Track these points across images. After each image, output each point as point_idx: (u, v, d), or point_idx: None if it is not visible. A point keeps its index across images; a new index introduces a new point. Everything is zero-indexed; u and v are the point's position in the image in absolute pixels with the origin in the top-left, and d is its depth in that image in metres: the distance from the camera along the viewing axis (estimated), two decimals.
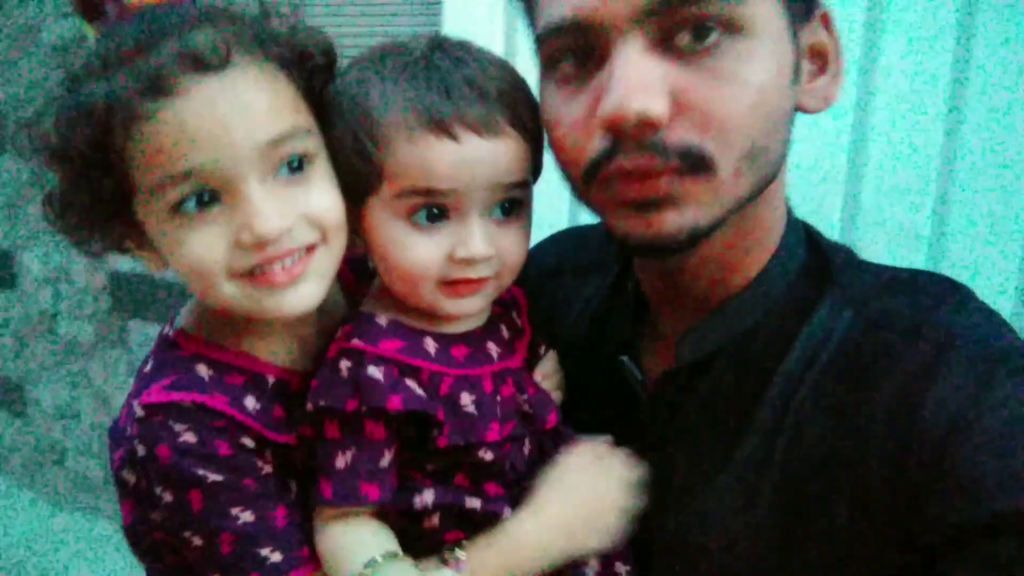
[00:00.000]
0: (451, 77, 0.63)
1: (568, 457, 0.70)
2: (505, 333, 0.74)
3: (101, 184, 0.61)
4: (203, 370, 0.66)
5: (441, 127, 0.62)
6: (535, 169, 0.69)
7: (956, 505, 0.55)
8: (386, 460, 0.65)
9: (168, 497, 0.64)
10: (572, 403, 0.77)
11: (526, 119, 0.66)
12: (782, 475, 0.64)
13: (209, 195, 0.61)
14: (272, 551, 0.65)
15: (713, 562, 0.67)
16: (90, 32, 0.63)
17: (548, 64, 0.65)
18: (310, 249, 0.64)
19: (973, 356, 0.59)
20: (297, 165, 0.63)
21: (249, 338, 0.68)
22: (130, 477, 0.66)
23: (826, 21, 0.67)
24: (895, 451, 0.59)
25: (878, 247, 1.39)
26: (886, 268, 0.71)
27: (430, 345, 0.68)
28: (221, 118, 0.59)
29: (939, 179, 1.40)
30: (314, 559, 0.66)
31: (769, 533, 0.64)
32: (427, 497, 0.66)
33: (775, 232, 0.71)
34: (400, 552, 0.65)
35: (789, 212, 0.73)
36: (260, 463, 0.65)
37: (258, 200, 0.61)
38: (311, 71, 0.66)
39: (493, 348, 0.71)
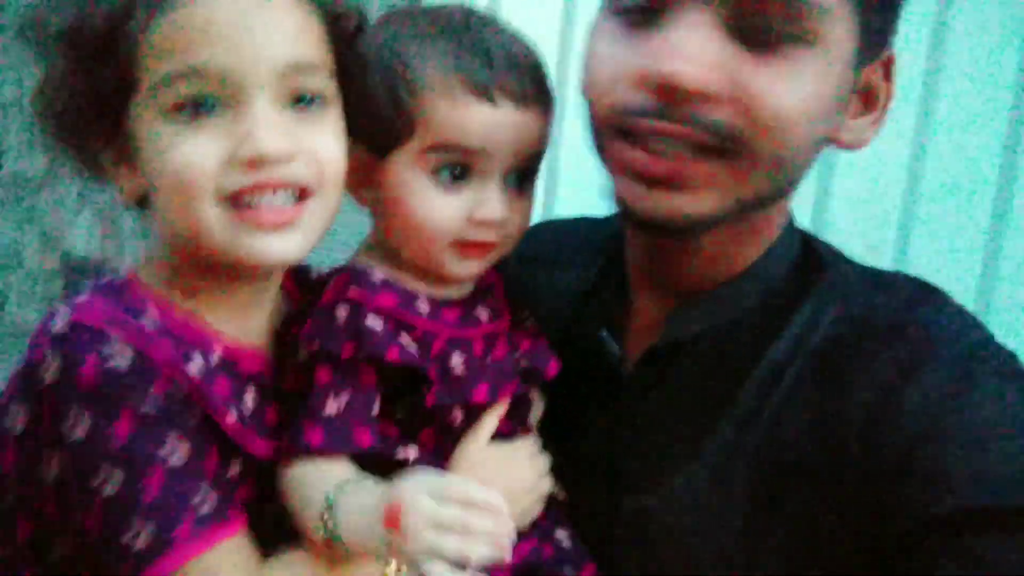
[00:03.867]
0: (491, 44, 0.67)
1: (473, 447, 0.70)
2: (491, 304, 0.75)
3: (103, 73, 0.58)
4: (152, 317, 0.61)
5: (481, 90, 0.65)
6: (547, 144, 0.73)
7: (929, 498, 0.56)
8: (376, 408, 0.65)
9: (81, 429, 0.56)
10: (552, 382, 0.77)
11: (548, 93, 0.70)
12: (756, 463, 0.65)
13: (212, 102, 0.58)
14: (204, 497, 0.58)
15: (679, 543, 0.68)
16: None
17: (610, 2, 0.65)
18: (303, 195, 0.62)
19: (953, 355, 0.61)
20: (310, 103, 0.62)
21: (203, 301, 0.64)
22: (21, 418, 0.58)
23: (887, 66, 0.67)
24: (871, 443, 0.60)
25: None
26: (868, 268, 0.73)
27: (423, 305, 0.69)
28: (248, 22, 0.58)
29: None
30: (241, 516, 0.61)
31: (738, 519, 0.65)
32: (411, 452, 0.66)
33: (774, 232, 0.72)
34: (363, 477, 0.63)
35: (789, 214, 0.74)
36: (194, 412, 0.59)
37: (264, 116, 0.59)
38: (342, 32, 0.66)
39: (483, 312, 0.74)
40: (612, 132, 0.66)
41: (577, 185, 0.72)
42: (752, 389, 0.68)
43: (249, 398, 0.65)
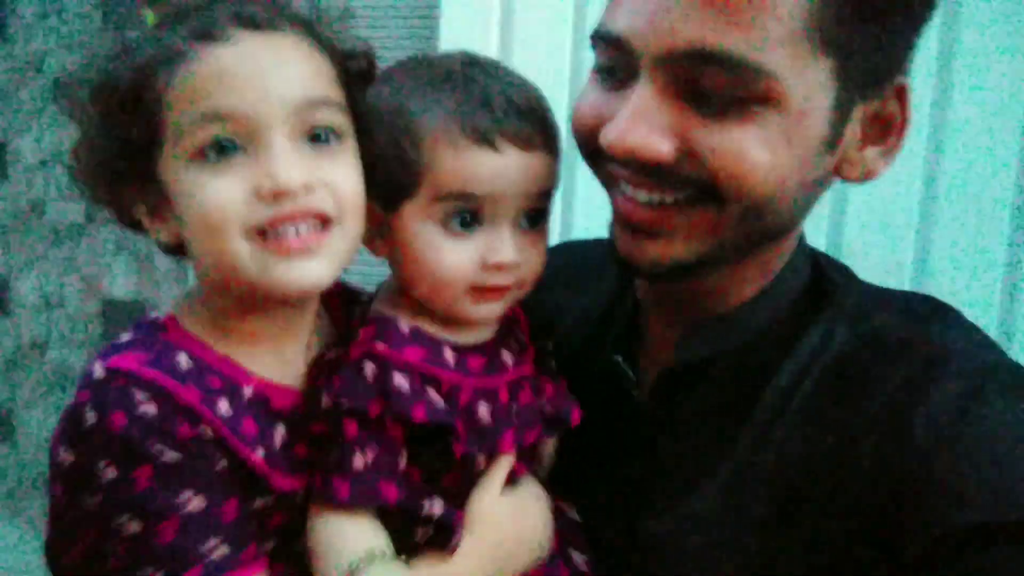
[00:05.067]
0: (490, 91, 0.67)
1: (487, 498, 0.71)
2: (514, 345, 0.75)
3: (133, 128, 0.62)
4: (184, 360, 0.64)
5: (483, 138, 0.66)
6: (556, 183, 0.73)
7: (940, 515, 0.56)
8: (403, 462, 0.66)
9: (111, 473, 0.59)
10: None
11: (552, 135, 0.71)
12: (770, 483, 0.66)
13: (233, 145, 0.62)
14: (218, 545, 0.61)
15: (694, 567, 0.68)
16: (151, 18, 0.66)
17: (596, 61, 0.68)
18: (326, 224, 0.64)
19: (962, 371, 0.61)
20: (326, 138, 0.65)
21: (235, 342, 0.67)
22: (67, 456, 0.61)
23: (902, 94, 0.65)
24: (883, 462, 0.60)
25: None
26: (879, 288, 0.74)
27: (449, 355, 0.70)
28: (262, 68, 0.62)
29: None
30: (259, 560, 0.64)
31: (753, 541, 0.65)
32: (436, 508, 0.67)
33: (784, 257, 0.73)
34: (391, 553, 0.65)
35: (801, 238, 0.74)
36: (218, 455, 0.62)
37: (282, 152, 0.62)
38: (350, 72, 0.69)
39: (508, 357, 0.74)
40: (600, 177, 0.69)
41: (593, 209, 0.72)
42: (764, 411, 0.68)
43: (278, 435, 0.67)
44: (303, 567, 0.66)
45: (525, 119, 0.68)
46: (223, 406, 0.64)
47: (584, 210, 1.57)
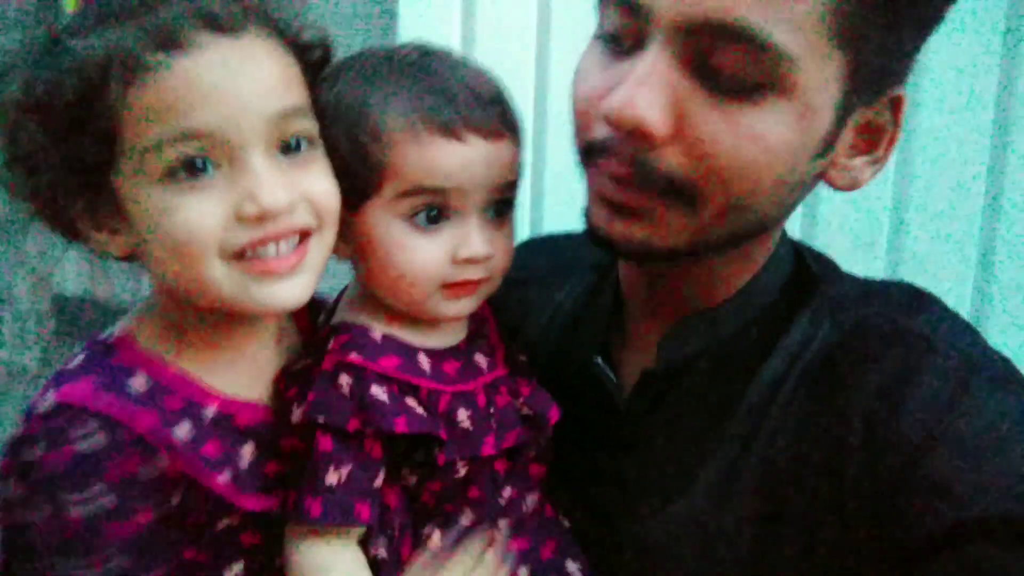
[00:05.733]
0: (451, 82, 0.66)
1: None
2: (486, 347, 0.74)
3: (81, 143, 0.57)
4: (137, 383, 0.61)
5: (448, 129, 0.64)
6: (520, 172, 0.72)
7: (930, 510, 0.55)
8: (379, 480, 0.64)
9: (45, 511, 0.57)
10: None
11: (516, 123, 0.70)
12: (756, 482, 0.64)
13: (206, 162, 0.58)
14: None
15: (682, 569, 0.67)
16: (70, 3, 0.61)
17: (599, 27, 0.64)
18: (304, 237, 0.62)
19: (949, 364, 0.60)
20: (299, 146, 0.62)
21: (196, 357, 0.64)
22: (7, 488, 0.59)
23: (896, 105, 0.64)
24: (871, 456, 0.59)
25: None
26: (862, 279, 0.72)
27: (424, 362, 0.68)
28: (235, 79, 0.57)
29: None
30: None
31: (743, 539, 0.64)
32: (380, 550, 0.65)
33: (767, 251, 0.71)
34: None
35: (783, 232, 0.73)
36: (171, 487, 0.59)
37: (263, 171, 0.58)
38: (308, 63, 0.66)
39: (481, 359, 0.72)
40: (584, 156, 0.66)
41: (563, 202, 0.71)
42: (749, 408, 0.67)
43: (246, 453, 0.64)
44: None
45: (489, 109, 0.66)
46: (183, 430, 0.61)
47: (553, 203, 1.55)
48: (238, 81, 0.57)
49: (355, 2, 1.78)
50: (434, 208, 0.66)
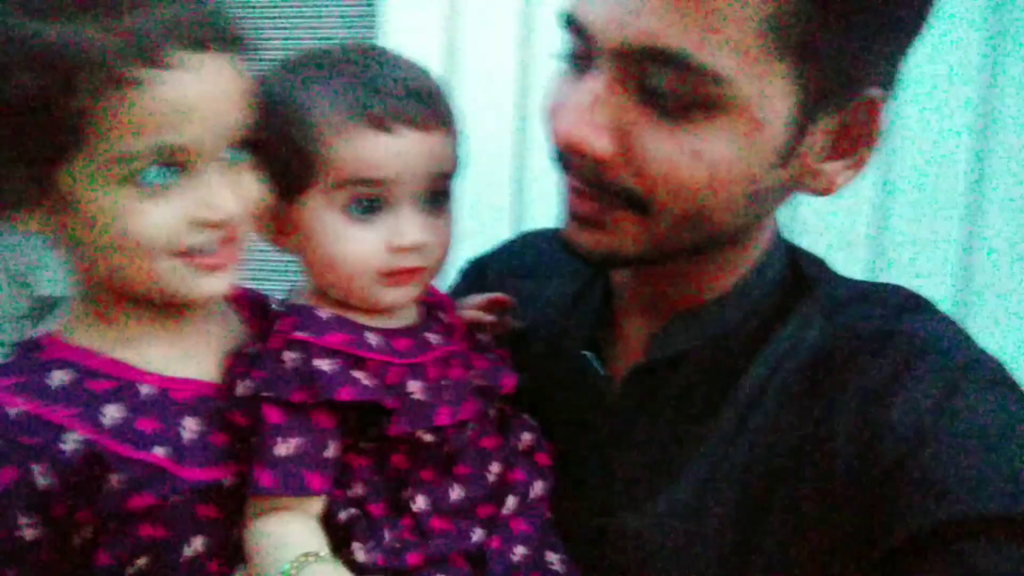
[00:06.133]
0: (382, 76, 0.68)
1: None
2: (440, 327, 0.76)
3: (37, 134, 0.58)
4: (58, 377, 0.63)
5: (378, 121, 0.66)
6: (457, 164, 0.73)
7: (918, 508, 0.55)
8: (331, 451, 0.65)
9: None
10: (536, 399, 0.77)
11: (449, 115, 0.71)
12: (741, 479, 0.65)
13: (171, 173, 0.60)
14: None
15: (665, 564, 0.67)
16: None
17: (562, 45, 0.65)
18: (232, 238, 0.65)
19: (939, 365, 0.61)
20: (239, 153, 0.65)
21: (128, 345, 0.66)
22: None
23: (873, 108, 0.61)
24: (860, 454, 0.59)
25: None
26: (855, 280, 0.72)
27: (372, 338, 0.70)
28: (208, 98, 0.60)
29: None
30: None
31: (728, 534, 0.64)
32: (346, 515, 0.66)
33: (758, 251, 0.71)
34: (327, 553, 0.63)
35: (776, 231, 0.73)
36: (25, 520, 0.60)
37: (219, 180, 0.62)
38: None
39: (432, 337, 0.74)
40: (555, 167, 0.67)
41: (544, 200, 0.71)
42: (738, 404, 0.67)
43: (189, 426, 0.65)
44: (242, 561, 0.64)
45: (419, 101, 0.68)
46: (111, 411, 0.62)
47: (534, 200, 1.56)
48: (210, 100, 0.61)
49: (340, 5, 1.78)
50: (367, 199, 0.68)
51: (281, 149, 0.67)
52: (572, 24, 0.62)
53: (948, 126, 1.38)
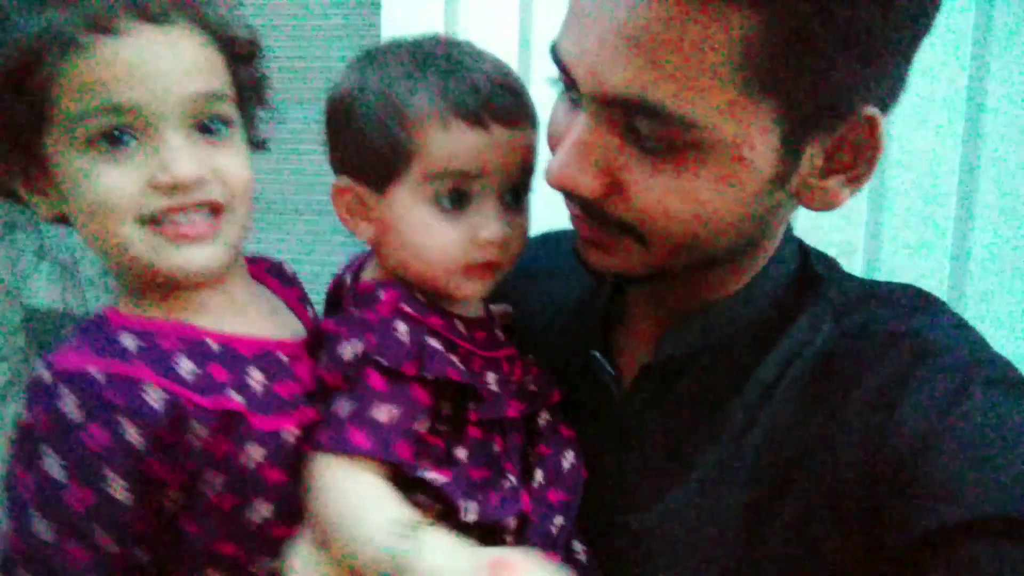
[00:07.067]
0: (474, 71, 0.70)
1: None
2: (499, 324, 0.80)
3: (15, 108, 0.63)
4: (129, 340, 0.65)
5: (472, 116, 0.68)
6: (537, 159, 0.75)
7: (927, 509, 0.55)
8: (419, 424, 0.67)
9: (9, 467, 0.62)
10: (561, 409, 0.78)
11: (532, 111, 0.73)
12: (750, 477, 0.65)
13: (127, 136, 0.64)
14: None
15: (674, 562, 0.67)
16: None
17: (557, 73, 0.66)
18: (216, 211, 0.67)
19: (948, 365, 0.60)
20: (216, 128, 0.68)
21: (181, 311, 0.69)
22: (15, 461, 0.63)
23: (872, 125, 0.61)
24: (868, 454, 0.59)
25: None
26: (866, 280, 0.73)
27: (460, 326, 0.73)
28: (159, 61, 0.64)
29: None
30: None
31: (737, 533, 0.64)
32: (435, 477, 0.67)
33: (768, 253, 0.71)
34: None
35: (787, 232, 0.73)
36: (116, 480, 0.61)
37: (177, 145, 0.64)
38: (238, 56, 0.72)
39: (500, 334, 0.77)
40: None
41: (544, 198, 0.72)
42: (746, 403, 0.67)
43: (255, 377, 0.68)
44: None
45: (508, 97, 0.70)
46: (185, 364, 0.65)
47: (536, 200, 1.54)
48: (159, 63, 0.64)
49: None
50: (457, 191, 0.69)
51: (373, 138, 0.69)
52: (555, 61, 0.63)
53: (938, 134, 1.40)
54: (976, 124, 1.39)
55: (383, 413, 0.64)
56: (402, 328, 0.67)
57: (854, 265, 1.45)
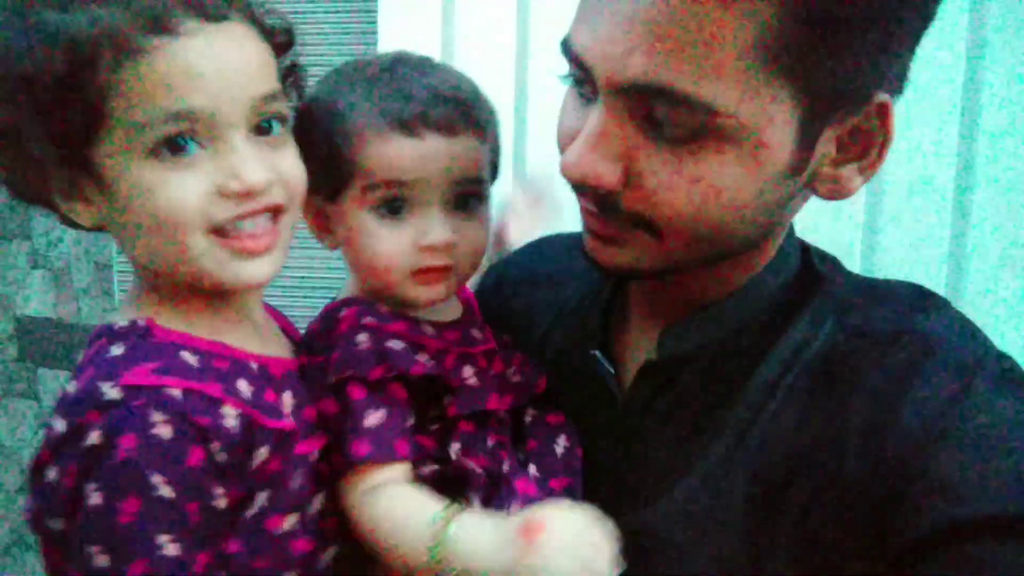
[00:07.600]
0: (412, 83, 0.72)
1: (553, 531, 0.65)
2: (478, 323, 0.81)
3: (67, 117, 0.59)
4: (188, 357, 0.63)
5: (403, 126, 0.70)
6: (493, 170, 0.78)
7: (931, 508, 0.55)
8: (410, 420, 0.69)
9: (96, 500, 0.57)
10: (548, 398, 0.79)
11: (483, 123, 0.74)
12: (753, 474, 0.64)
13: (191, 141, 0.61)
14: None
15: (677, 559, 0.67)
16: None
17: (568, 69, 0.66)
18: (276, 215, 0.66)
19: (951, 362, 0.60)
20: (272, 127, 0.66)
21: (212, 330, 0.67)
22: (53, 476, 0.59)
23: (883, 112, 0.62)
24: (871, 453, 0.59)
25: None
26: (867, 278, 0.73)
27: (428, 328, 0.75)
28: (223, 64, 0.61)
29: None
30: None
31: (738, 531, 0.64)
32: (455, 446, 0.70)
33: (770, 251, 0.71)
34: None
35: (789, 230, 0.73)
36: (218, 490, 0.61)
37: (245, 150, 0.63)
38: (276, 47, 0.70)
39: (476, 333, 0.79)
40: (571, 187, 0.68)
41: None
42: (748, 402, 0.67)
43: (288, 399, 0.68)
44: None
45: (447, 106, 0.72)
46: (244, 386, 0.64)
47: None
48: (223, 66, 0.61)
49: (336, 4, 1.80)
50: (396, 200, 0.72)
51: (322, 152, 0.71)
52: (569, 55, 0.63)
53: (934, 135, 1.41)
54: (971, 122, 1.39)
55: (373, 419, 0.67)
56: (362, 339, 0.70)
57: (851, 263, 1.45)
